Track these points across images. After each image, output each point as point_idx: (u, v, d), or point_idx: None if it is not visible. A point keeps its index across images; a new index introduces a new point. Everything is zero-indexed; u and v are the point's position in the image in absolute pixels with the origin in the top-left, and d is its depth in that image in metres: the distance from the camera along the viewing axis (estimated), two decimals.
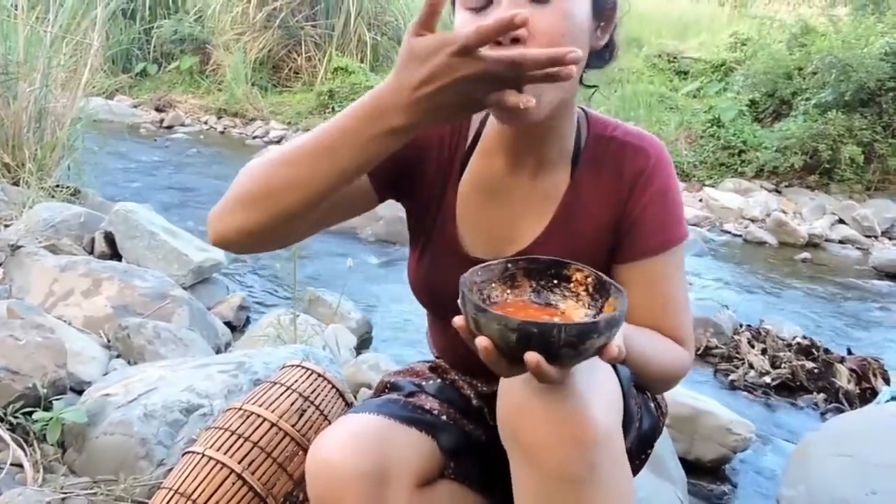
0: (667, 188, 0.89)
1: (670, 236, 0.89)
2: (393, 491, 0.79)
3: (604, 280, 0.69)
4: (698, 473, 2.20)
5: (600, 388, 0.71)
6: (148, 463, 1.31)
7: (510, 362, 0.62)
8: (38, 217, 3.04)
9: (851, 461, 1.72)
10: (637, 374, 0.82)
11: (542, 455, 0.68)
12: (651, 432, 0.90)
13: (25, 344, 1.60)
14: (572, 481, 0.68)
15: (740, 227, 4.94)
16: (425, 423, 0.88)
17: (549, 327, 0.59)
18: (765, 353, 2.98)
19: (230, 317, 2.85)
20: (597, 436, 0.67)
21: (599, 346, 0.61)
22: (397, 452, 0.82)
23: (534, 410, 0.68)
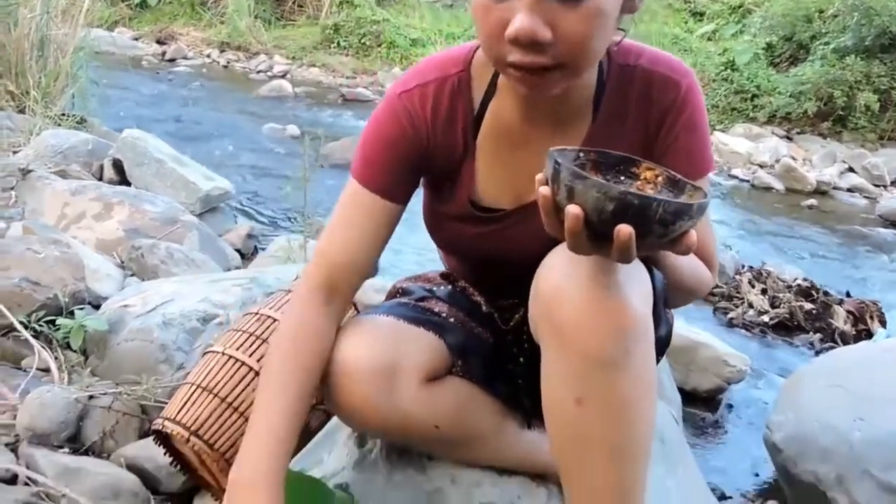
0: (697, 118, 0.87)
1: (700, 167, 0.87)
2: (402, 383, 0.83)
3: (677, 178, 0.68)
4: (693, 403, 2.27)
5: (637, 280, 0.73)
6: (168, 367, 1.37)
7: (592, 236, 0.61)
8: (46, 143, 3.05)
9: (842, 391, 1.77)
10: (668, 279, 0.83)
11: (579, 337, 0.70)
12: (665, 341, 0.93)
13: (44, 258, 1.65)
14: (606, 365, 0.70)
15: (748, 172, 4.93)
16: (433, 323, 0.92)
17: (649, 200, 0.58)
18: (765, 293, 3.03)
19: (239, 245, 2.89)
20: (634, 324, 0.69)
21: (684, 231, 0.61)
22: (406, 349, 0.85)
23: (574, 293, 0.70)
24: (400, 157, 0.88)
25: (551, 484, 0.97)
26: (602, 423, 0.72)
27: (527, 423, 0.97)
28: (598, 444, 0.73)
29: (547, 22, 0.71)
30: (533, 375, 0.90)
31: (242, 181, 3.88)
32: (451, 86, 0.89)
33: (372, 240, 0.88)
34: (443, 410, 0.87)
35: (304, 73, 7.21)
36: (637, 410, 0.73)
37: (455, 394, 0.89)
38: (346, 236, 0.87)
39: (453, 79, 0.89)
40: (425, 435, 0.87)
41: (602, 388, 0.71)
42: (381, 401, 0.81)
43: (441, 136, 0.89)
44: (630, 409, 0.72)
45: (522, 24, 0.70)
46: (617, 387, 0.71)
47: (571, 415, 0.73)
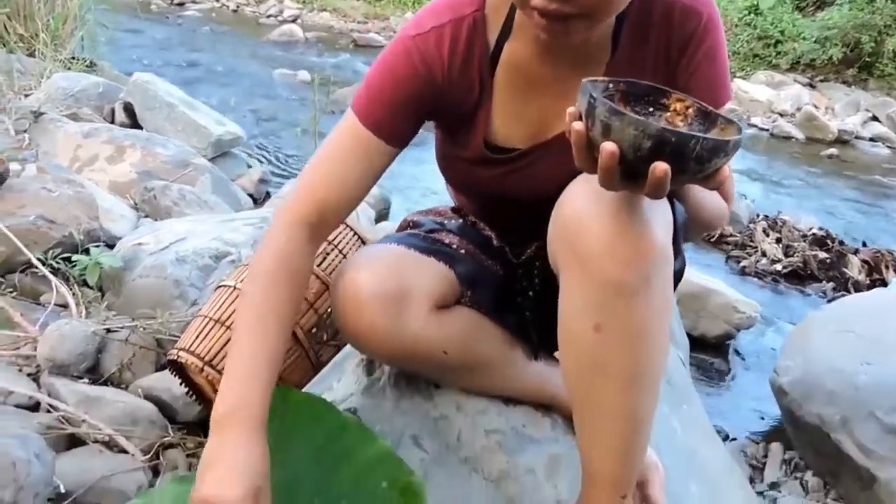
0: (717, 49, 0.84)
1: (719, 98, 0.85)
2: (411, 309, 0.83)
3: (708, 110, 0.67)
4: (702, 349, 2.29)
5: (660, 213, 0.72)
6: (182, 302, 1.40)
7: (627, 173, 0.61)
8: (57, 86, 3.04)
9: (851, 336, 1.78)
10: (689, 212, 0.83)
11: (600, 264, 0.70)
12: (680, 273, 0.93)
13: (59, 196, 1.67)
14: (627, 292, 0.70)
15: (768, 121, 4.83)
16: (444, 253, 0.92)
17: (687, 138, 0.57)
18: (779, 242, 3.01)
19: (251, 190, 2.89)
20: (656, 252, 0.69)
21: (718, 167, 0.60)
22: (416, 276, 0.86)
23: (597, 221, 0.69)
24: (407, 100, 0.85)
25: (556, 414, 0.99)
26: (620, 350, 0.73)
27: (534, 355, 0.98)
28: (614, 371, 0.74)
29: None
30: (542, 309, 0.91)
31: (253, 127, 3.87)
32: (468, 26, 0.86)
33: (363, 179, 0.85)
34: (451, 337, 0.88)
35: (314, 17, 7.08)
36: (654, 338, 0.73)
37: (463, 322, 0.90)
38: (338, 173, 0.85)
39: (469, 19, 0.86)
40: (433, 361, 0.88)
41: (621, 316, 0.71)
42: (390, 326, 0.82)
43: (457, 78, 0.87)
44: (648, 336, 0.73)
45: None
46: (636, 314, 0.71)
47: (589, 342, 0.73)
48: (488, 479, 0.91)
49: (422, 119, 0.88)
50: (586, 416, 0.79)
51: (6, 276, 1.57)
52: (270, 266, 0.81)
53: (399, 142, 0.86)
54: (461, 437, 0.93)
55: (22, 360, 1.35)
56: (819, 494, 1.67)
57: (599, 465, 0.78)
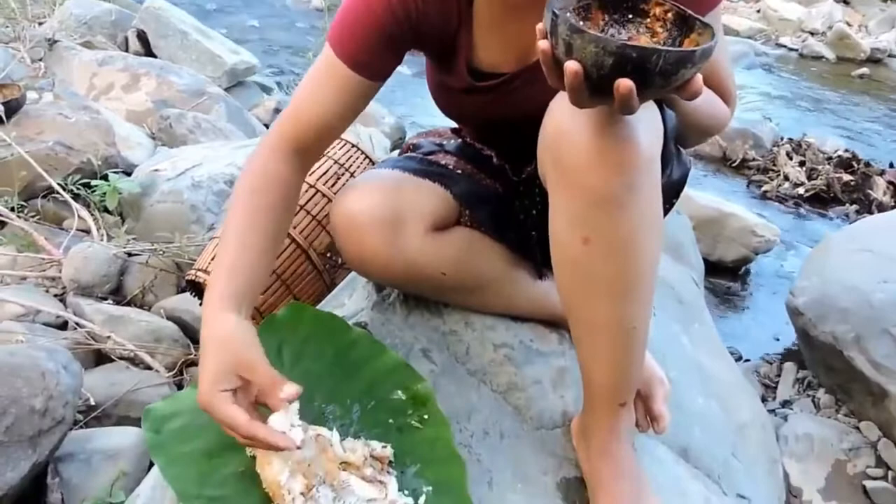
0: None
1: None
2: (407, 232, 0.85)
3: (686, 15, 0.65)
4: (720, 273, 2.28)
5: (646, 120, 0.71)
6: (199, 227, 1.42)
7: (594, 91, 0.60)
8: (70, 13, 3.01)
9: (870, 255, 1.76)
10: (683, 118, 0.82)
11: (584, 175, 0.70)
12: (681, 181, 0.92)
13: (75, 122, 1.68)
14: (611, 202, 0.70)
15: (798, 40, 4.63)
16: (439, 174, 0.92)
17: (648, 52, 0.56)
18: (802, 165, 2.94)
19: (267, 119, 2.88)
20: (639, 159, 0.68)
21: (688, 79, 0.59)
22: (411, 199, 0.87)
23: (578, 133, 0.69)
24: (382, 36, 0.82)
25: (563, 330, 1.01)
26: (608, 261, 0.73)
27: (538, 274, 0.99)
28: (604, 282, 0.75)
29: None
30: (544, 227, 0.91)
31: (268, 55, 3.81)
32: None
33: (342, 112, 0.84)
34: (449, 258, 0.89)
35: None
36: (642, 248, 0.73)
37: (462, 241, 0.91)
38: (317, 106, 0.83)
39: None
40: (432, 282, 0.90)
41: (608, 226, 0.71)
42: (386, 249, 0.84)
43: (433, 9, 0.84)
44: (636, 246, 0.73)
45: None
46: (622, 224, 0.71)
47: (578, 254, 0.74)
48: (496, 390, 0.94)
49: (401, 54, 0.85)
50: (581, 329, 0.80)
51: (28, 201, 1.60)
52: (249, 182, 0.82)
53: (377, 76, 0.84)
54: (470, 351, 0.95)
55: (48, 282, 1.40)
56: (830, 410, 1.69)
57: (597, 375, 0.80)
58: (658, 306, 1.39)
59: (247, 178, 0.82)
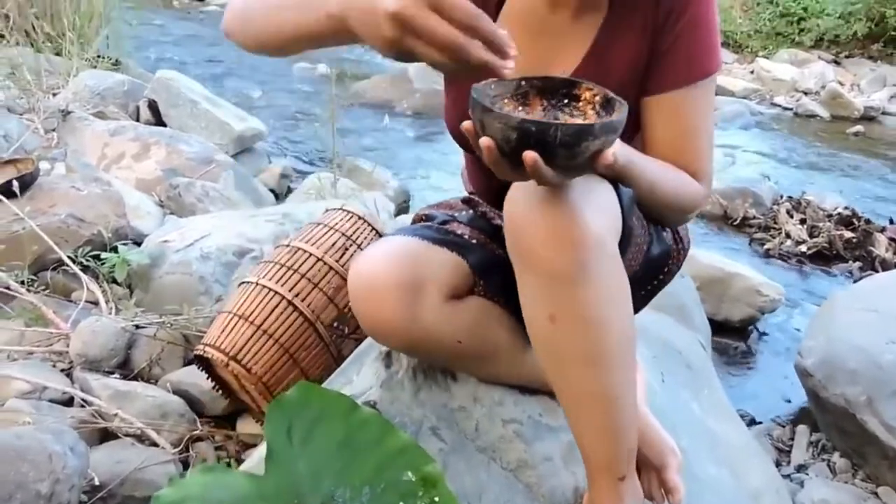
0: (701, 17, 0.87)
1: (699, 69, 0.88)
2: (425, 299, 0.85)
3: (610, 97, 0.71)
4: (726, 333, 2.27)
5: (596, 199, 0.74)
6: (207, 298, 1.43)
7: (512, 164, 0.64)
8: (84, 84, 3.10)
9: (876, 315, 1.76)
10: (643, 196, 0.85)
11: (538, 255, 0.73)
12: (662, 259, 0.93)
13: (87, 195, 1.71)
14: (566, 280, 0.72)
15: (792, 100, 4.74)
16: (456, 244, 0.93)
17: (546, 126, 0.61)
18: (803, 223, 2.96)
19: (273, 184, 2.93)
20: (589, 238, 0.71)
21: (595, 151, 0.63)
22: (430, 267, 0.88)
23: (532, 215, 0.72)
24: None
25: None
26: (575, 336, 0.75)
27: None
28: (575, 356, 0.77)
29: None
30: None
31: (274, 121, 3.90)
32: None
33: None
34: (465, 327, 0.90)
35: None
36: (608, 321, 0.75)
37: (477, 312, 0.92)
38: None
39: None
40: (448, 350, 0.90)
41: (569, 303, 0.74)
42: (404, 315, 0.84)
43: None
44: (600, 320, 0.75)
45: None
46: (582, 301, 0.73)
47: (547, 332, 0.76)
48: (507, 468, 0.93)
49: None
50: (566, 403, 0.82)
51: (38, 273, 1.62)
52: None
53: None
54: (479, 428, 0.94)
55: (55, 356, 1.40)
56: (847, 475, 1.66)
57: (589, 448, 0.82)
58: (666, 372, 1.39)
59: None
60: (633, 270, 0.88)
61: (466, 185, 1.15)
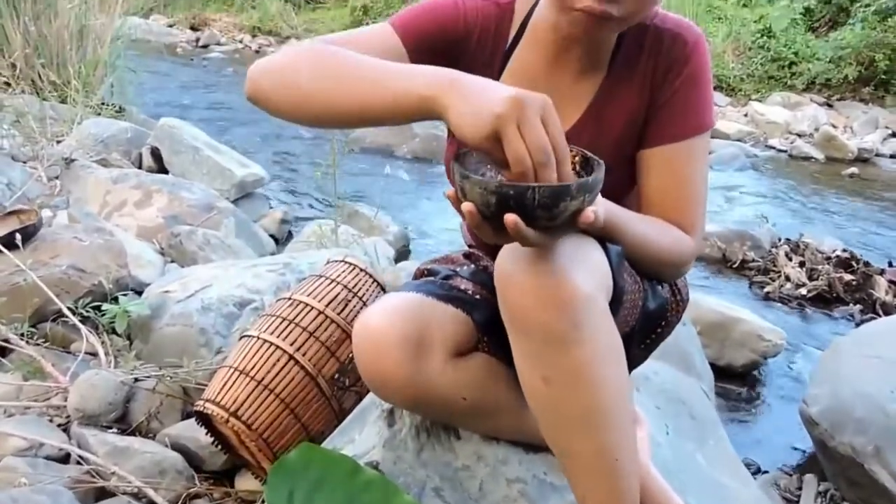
0: (698, 75, 0.91)
1: (694, 123, 0.90)
2: (430, 356, 0.86)
3: (588, 156, 0.73)
4: (729, 378, 2.26)
5: (583, 257, 0.75)
6: (207, 350, 1.42)
7: (494, 227, 0.65)
8: (88, 132, 3.14)
9: (880, 361, 1.75)
10: (632, 253, 0.86)
11: (528, 318, 0.73)
12: (659, 312, 0.94)
13: (89, 245, 1.72)
14: (558, 342, 0.73)
15: (786, 142, 4.80)
16: (460, 300, 0.94)
17: (523, 189, 0.62)
18: (802, 266, 2.97)
19: (273, 230, 2.95)
20: (576, 297, 0.71)
21: (574, 211, 0.64)
22: (435, 323, 0.88)
23: (520, 277, 0.73)
24: (438, 21, 0.91)
25: None
26: (570, 397, 0.75)
27: None
28: (571, 417, 0.77)
29: None
30: None
31: (275, 166, 3.94)
32: (502, 15, 0.94)
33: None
34: (469, 383, 0.89)
35: None
36: (603, 380, 0.75)
37: (481, 369, 0.92)
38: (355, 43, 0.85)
39: (504, 9, 0.95)
40: (452, 406, 0.90)
41: (562, 364, 0.74)
42: (409, 372, 0.84)
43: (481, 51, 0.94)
44: (595, 379, 0.75)
45: None
46: (575, 361, 0.73)
47: (542, 393, 0.77)
48: None
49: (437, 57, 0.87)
50: (566, 463, 0.81)
51: (38, 325, 1.61)
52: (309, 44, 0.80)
53: (413, 51, 0.89)
54: (483, 488, 0.93)
55: (53, 411, 1.38)
56: None
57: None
58: (671, 424, 1.37)
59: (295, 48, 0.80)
60: (629, 326, 0.88)
61: (466, 238, 1.16)
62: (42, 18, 3.83)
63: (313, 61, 0.76)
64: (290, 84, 0.76)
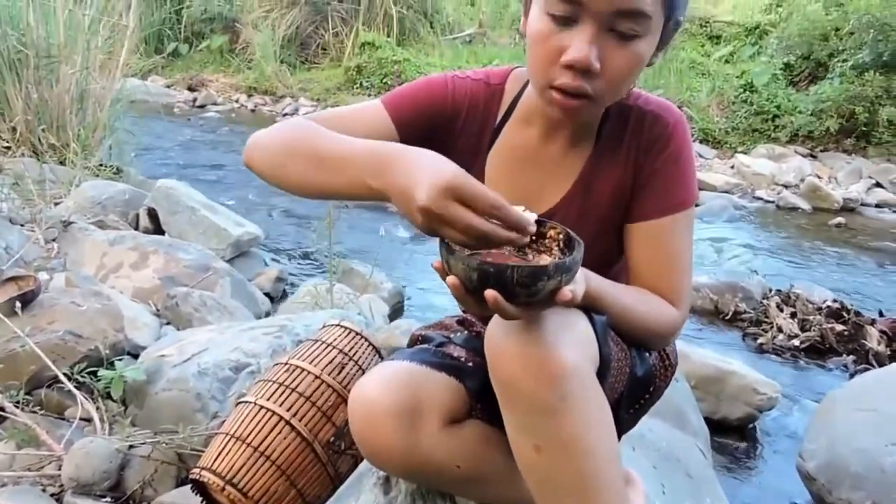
0: (679, 155, 0.94)
1: (676, 201, 0.94)
2: (424, 425, 0.87)
3: (571, 236, 0.77)
4: (725, 432, 2.25)
5: (570, 328, 0.78)
6: (203, 415, 1.43)
7: (476, 300, 0.69)
8: (86, 194, 3.19)
9: (875, 415, 1.76)
10: (617, 323, 0.89)
11: (517, 389, 0.76)
12: (647, 379, 0.96)
13: (86, 310, 1.73)
14: (548, 412, 0.75)
15: (773, 193, 4.89)
16: (453, 367, 0.96)
17: (503, 268, 0.66)
18: (794, 316, 2.99)
19: (268, 288, 2.97)
20: (564, 369, 0.74)
21: (552, 289, 0.68)
22: (428, 393, 0.90)
23: (509, 349, 0.76)
24: (430, 107, 0.96)
25: None
26: (562, 465, 0.77)
27: None
28: (563, 484, 0.78)
29: (599, 56, 0.82)
30: None
31: (271, 224, 3.99)
32: (491, 95, 0.99)
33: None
34: (463, 451, 0.90)
35: None
36: (594, 448, 0.77)
37: (475, 436, 0.93)
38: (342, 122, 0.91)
39: (493, 89, 0.99)
40: (447, 475, 0.90)
41: (552, 433, 0.76)
42: (403, 443, 0.85)
43: (475, 120, 0.98)
44: (585, 447, 0.77)
45: (581, 52, 0.81)
46: (565, 431, 0.75)
47: (534, 461, 0.78)
48: None
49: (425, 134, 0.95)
50: None
51: (33, 391, 1.61)
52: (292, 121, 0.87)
53: (403, 125, 0.94)
54: None
55: (46, 480, 1.37)
56: None
57: None
58: (667, 483, 1.37)
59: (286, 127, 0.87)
60: (618, 392, 0.90)
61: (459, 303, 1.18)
62: (44, 84, 3.92)
63: (289, 143, 0.84)
64: (273, 162, 0.85)
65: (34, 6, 3.81)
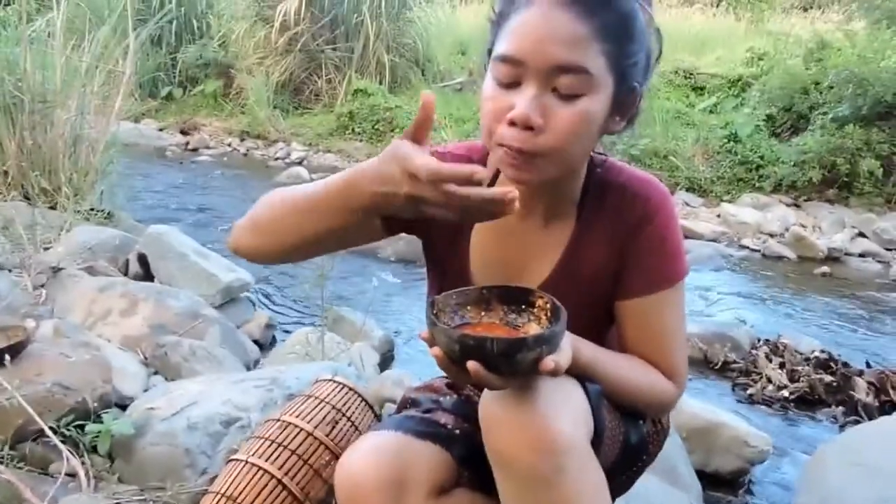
0: (664, 233, 0.94)
1: (663, 278, 0.94)
2: (411, 497, 0.87)
3: (557, 305, 0.78)
4: (716, 485, 2.24)
5: (564, 399, 0.79)
6: (192, 471, 1.41)
7: (460, 371, 0.71)
8: (76, 240, 3.18)
9: (865, 470, 1.76)
10: (611, 393, 0.89)
11: (512, 459, 0.76)
12: (639, 445, 0.96)
13: (75, 361, 1.71)
14: (543, 483, 0.75)
15: (758, 242, 4.96)
16: (440, 436, 0.96)
17: (483, 340, 0.68)
18: (783, 367, 3.01)
19: (257, 335, 2.95)
20: (560, 442, 0.75)
21: (533, 360, 0.69)
22: (414, 464, 0.90)
23: (503, 420, 0.77)
24: None
25: None
26: None
27: None
28: None
29: (542, 112, 0.83)
30: None
31: (262, 269, 3.98)
32: None
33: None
34: None
35: (320, 158, 7.47)
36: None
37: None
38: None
39: (475, 162, 1.00)
40: None
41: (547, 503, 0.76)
42: None
43: None
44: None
45: (521, 108, 0.83)
46: (559, 500, 0.76)
47: None
48: None
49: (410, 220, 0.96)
50: None
51: (17, 445, 1.58)
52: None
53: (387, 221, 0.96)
54: None
55: None
56: None
57: None
58: None
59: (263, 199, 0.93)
60: (612, 459, 0.91)
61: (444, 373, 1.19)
62: (38, 128, 3.95)
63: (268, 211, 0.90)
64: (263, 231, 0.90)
65: (32, 52, 3.87)
